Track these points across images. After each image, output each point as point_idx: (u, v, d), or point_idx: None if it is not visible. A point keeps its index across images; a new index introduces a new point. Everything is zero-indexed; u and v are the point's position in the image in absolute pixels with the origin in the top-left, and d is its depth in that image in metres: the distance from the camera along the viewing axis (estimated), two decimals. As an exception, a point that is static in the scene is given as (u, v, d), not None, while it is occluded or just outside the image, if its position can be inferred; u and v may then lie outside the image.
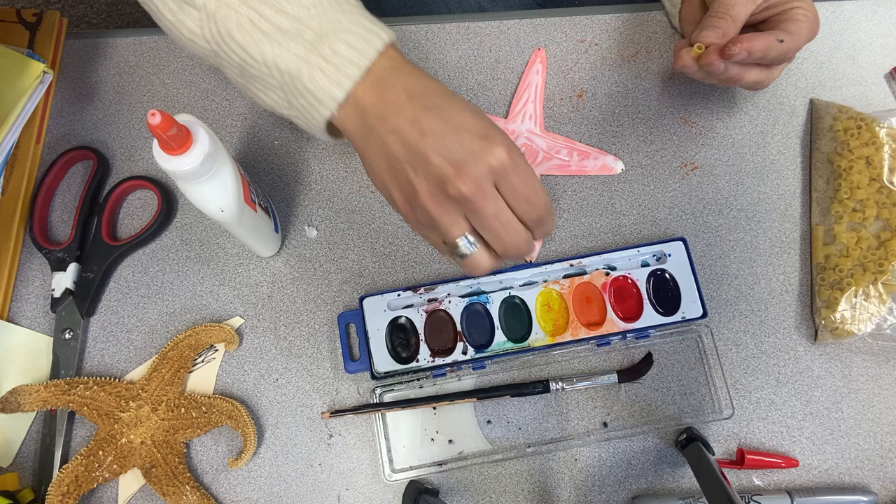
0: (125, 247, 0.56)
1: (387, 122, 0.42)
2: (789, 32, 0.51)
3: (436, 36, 0.63)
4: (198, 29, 0.44)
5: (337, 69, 0.42)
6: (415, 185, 0.42)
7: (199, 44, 0.45)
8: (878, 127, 0.58)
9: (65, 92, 0.61)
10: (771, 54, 0.51)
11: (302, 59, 0.42)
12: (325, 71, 0.42)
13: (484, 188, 0.42)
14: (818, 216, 0.58)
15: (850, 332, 0.54)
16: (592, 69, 0.63)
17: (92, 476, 0.51)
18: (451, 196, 0.42)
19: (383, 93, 0.43)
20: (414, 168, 0.42)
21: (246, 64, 0.44)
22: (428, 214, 0.43)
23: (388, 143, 0.43)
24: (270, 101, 0.46)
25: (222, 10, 0.43)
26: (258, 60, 0.43)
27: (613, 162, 0.60)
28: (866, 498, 0.52)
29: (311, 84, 0.42)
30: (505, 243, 0.44)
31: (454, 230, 0.43)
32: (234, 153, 0.60)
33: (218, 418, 0.52)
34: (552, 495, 0.53)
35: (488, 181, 0.42)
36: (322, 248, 0.58)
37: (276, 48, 0.42)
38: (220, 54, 0.45)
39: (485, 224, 0.43)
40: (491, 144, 0.42)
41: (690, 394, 0.55)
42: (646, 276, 0.55)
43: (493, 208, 0.42)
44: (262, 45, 0.42)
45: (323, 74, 0.42)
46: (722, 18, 0.52)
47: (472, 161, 0.41)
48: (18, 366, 0.55)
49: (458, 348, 0.54)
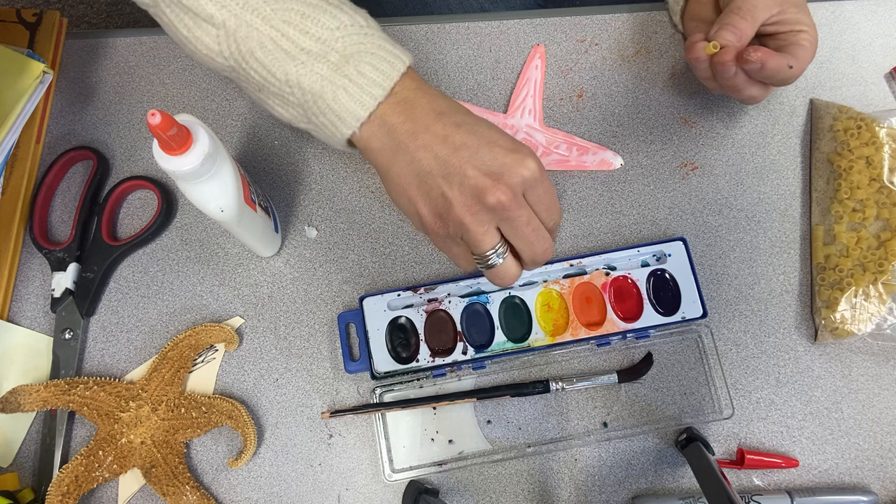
0: (125, 247, 0.56)
1: (417, 138, 0.44)
2: (797, 58, 0.52)
3: (436, 36, 0.63)
4: (216, 46, 0.45)
5: (362, 89, 0.43)
6: (449, 198, 0.44)
7: (217, 60, 0.45)
8: (878, 127, 0.58)
9: (65, 92, 0.61)
10: (778, 76, 0.52)
11: (326, 80, 0.43)
12: (350, 91, 0.43)
13: (518, 198, 0.44)
14: (818, 216, 0.58)
15: (850, 332, 0.54)
16: (592, 69, 0.63)
17: (92, 476, 0.51)
18: (487, 206, 0.43)
19: (410, 111, 0.44)
20: (448, 181, 0.44)
21: (266, 82, 0.45)
22: (462, 226, 0.44)
23: (420, 158, 0.44)
24: (288, 116, 0.47)
25: (243, 29, 0.43)
26: (280, 80, 0.44)
27: (612, 157, 0.60)
28: (866, 498, 0.52)
29: (335, 103, 0.43)
30: (535, 249, 0.46)
31: (487, 240, 0.45)
32: (234, 153, 0.60)
33: (218, 418, 0.52)
34: (552, 495, 0.53)
35: (521, 191, 0.44)
36: (322, 248, 0.58)
37: (301, 68, 0.43)
38: (239, 70, 0.45)
39: (518, 232, 0.45)
40: (523, 157, 0.44)
41: (690, 394, 0.55)
42: (646, 276, 0.55)
43: (527, 216, 0.45)
44: (285, 64, 0.43)
45: (347, 94, 0.43)
46: (743, 19, 0.52)
47: (507, 172, 0.43)
48: (18, 366, 0.55)
49: (458, 348, 0.54)
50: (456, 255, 0.48)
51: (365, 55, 0.43)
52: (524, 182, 0.44)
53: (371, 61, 0.43)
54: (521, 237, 0.45)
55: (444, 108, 0.45)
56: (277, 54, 0.43)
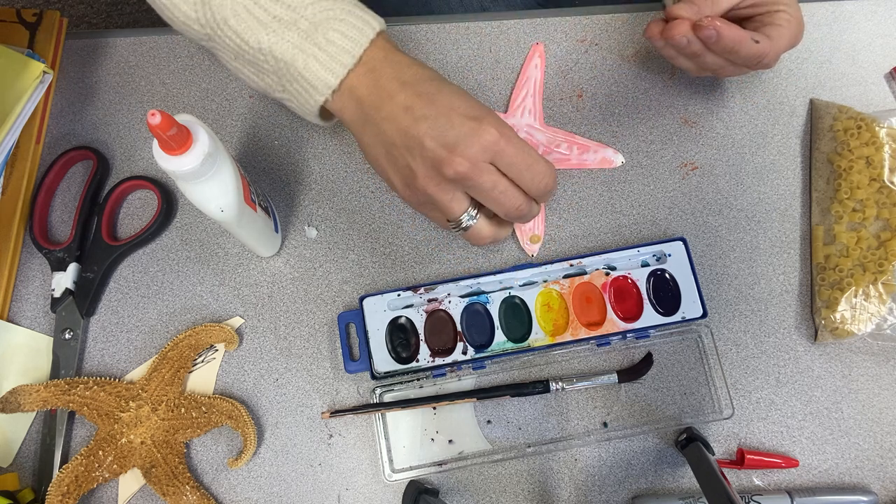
0: (125, 247, 0.56)
1: (381, 110, 0.45)
2: (769, 37, 0.51)
3: (436, 36, 0.63)
4: (192, 13, 0.45)
5: (331, 57, 0.44)
6: (413, 169, 0.45)
7: (194, 27, 0.46)
8: (878, 127, 0.58)
9: (65, 92, 0.61)
10: (742, 51, 0.50)
11: (297, 48, 0.44)
12: (320, 59, 0.44)
13: (479, 165, 0.44)
14: (818, 216, 0.58)
15: (850, 332, 0.54)
16: (592, 69, 0.63)
17: (92, 476, 0.51)
18: (448, 177, 0.44)
19: (376, 82, 0.45)
20: (411, 153, 0.45)
21: (241, 49, 0.45)
22: (427, 195, 0.45)
23: (385, 130, 0.45)
24: (264, 85, 0.47)
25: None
26: (253, 47, 0.44)
27: (613, 155, 0.60)
28: (866, 498, 0.52)
29: (306, 71, 0.44)
30: (506, 208, 0.46)
31: (455, 207, 0.46)
32: (234, 153, 0.60)
33: (218, 418, 0.52)
34: (552, 495, 0.53)
35: (483, 158, 0.44)
36: (322, 248, 0.58)
37: (272, 36, 0.44)
38: (215, 39, 0.46)
39: (485, 196, 0.46)
40: (480, 124, 0.44)
41: (690, 394, 0.55)
42: (646, 276, 0.55)
43: (490, 182, 0.45)
44: (257, 32, 0.44)
45: (317, 62, 0.44)
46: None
47: (463, 142, 0.43)
48: (18, 366, 0.55)
49: (458, 348, 0.54)
50: (434, 219, 0.49)
51: (334, 22, 0.44)
52: (484, 150, 0.44)
53: (340, 28, 0.44)
54: (490, 200, 0.46)
55: (409, 78, 0.45)
56: (250, 22, 0.44)
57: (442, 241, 0.58)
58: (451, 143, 0.43)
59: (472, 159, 0.44)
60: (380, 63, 0.45)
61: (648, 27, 0.53)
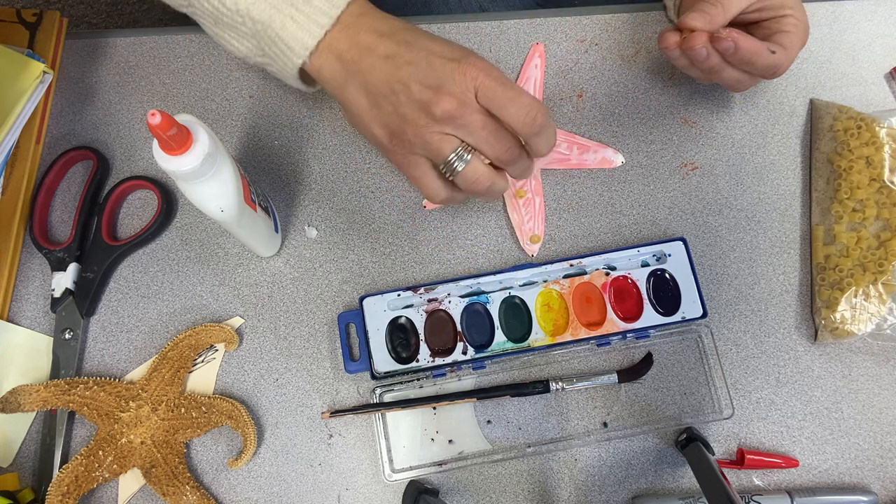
0: (125, 247, 0.56)
1: (362, 62, 0.45)
2: (783, 46, 0.51)
3: (436, 36, 0.63)
4: None
5: (308, 18, 0.44)
6: (401, 114, 0.45)
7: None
8: (878, 127, 0.58)
9: (65, 92, 0.61)
10: (759, 62, 0.50)
11: (274, 8, 0.44)
12: (297, 20, 0.44)
13: (467, 103, 0.44)
14: (818, 216, 0.58)
15: (850, 332, 0.54)
16: (592, 69, 0.63)
17: (92, 476, 0.51)
18: (437, 117, 0.44)
19: (354, 37, 0.45)
20: (397, 98, 0.45)
21: (219, 13, 0.45)
22: (420, 138, 0.45)
23: (368, 81, 0.45)
24: (244, 49, 0.47)
25: None
26: (231, 9, 0.45)
27: (613, 155, 0.60)
28: (866, 498, 0.52)
29: (283, 32, 0.44)
30: (496, 150, 0.46)
31: (445, 145, 0.45)
32: (234, 153, 0.60)
33: (218, 418, 0.52)
34: (552, 495, 0.53)
35: (469, 96, 0.44)
36: (322, 248, 0.58)
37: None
38: (194, 3, 0.46)
39: (474, 137, 0.45)
40: (462, 64, 0.44)
41: (690, 394, 0.55)
42: (646, 276, 0.55)
43: (481, 121, 0.45)
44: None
45: (295, 23, 0.44)
46: (713, 6, 0.51)
47: (448, 81, 0.44)
48: (18, 366, 0.55)
49: (458, 348, 0.54)
50: (419, 178, 0.48)
51: None
52: (468, 86, 0.44)
53: None
54: (478, 139, 0.45)
55: (386, 29, 0.46)
56: None
57: (442, 241, 0.58)
58: (436, 83, 0.44)
59: (459, 97, 0.44)
60: (355, 19, 0.45)
61: (663, 37, 0.53)
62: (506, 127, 0.46)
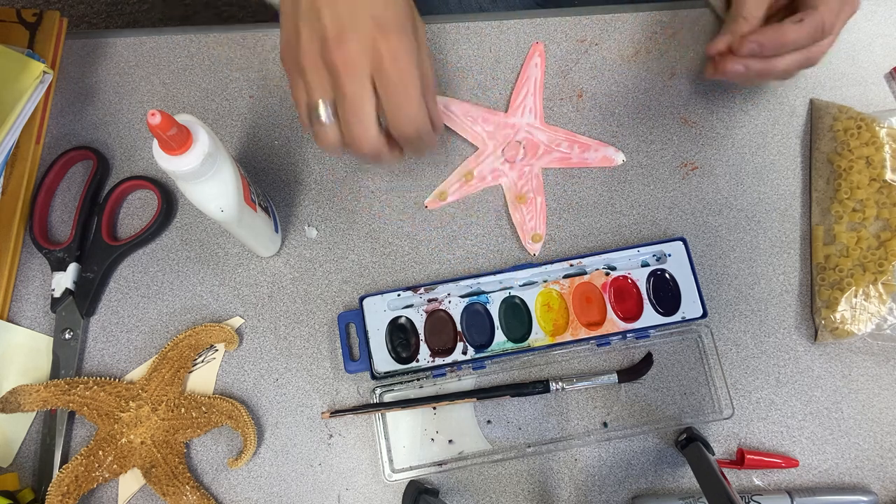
0: (125, 247, 0.56)
1: None
2: (814, 7, 0.49)
3: (436, 36, 0.63)
4: None
5: None
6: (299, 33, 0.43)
7: None
8: (878, 127, 0.58)
9: (65, 92, 0.61)
10: (792, 37, 0.49)
11: None
12: None
13: (355, 68, 0.42)
14: (818, 216, 0.58)
15: (850, 332, 0.54)
16: (592, 69, 0.63)
17: (92, 476, 0.51)
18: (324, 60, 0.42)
19: None
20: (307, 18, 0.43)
21: None
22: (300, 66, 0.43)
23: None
24: None
25: None
26: None
27: (614, 153, 0.60)
28: (866, 498, 0.52)
29: None
30: (351, 132, 0.44)
31: (315, 91, 0.43)
32: (234, 153, 0.60)
33: (218, 418, 0.52)
34: (552, 495, 0.53)
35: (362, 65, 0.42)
36: (322, 248, 0.58)
37: None
38: None
39: (341, 103, 0.43)
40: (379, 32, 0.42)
41: (690, 394, 0.55)
42: (646, 276, 0.55)
43: (354, 93, 0.42)
44: None
45: None
46: (734, 22, 0.51)
47: (352, 34, 0.41)
48: (18, 366, 0.55)
49: (458, 348, 0.54)
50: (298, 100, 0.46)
51: None
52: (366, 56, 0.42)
53: None
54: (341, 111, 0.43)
55: None
56: None
57: (442, 241, 0.58)
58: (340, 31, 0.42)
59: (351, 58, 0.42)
60: None
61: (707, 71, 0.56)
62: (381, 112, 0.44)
